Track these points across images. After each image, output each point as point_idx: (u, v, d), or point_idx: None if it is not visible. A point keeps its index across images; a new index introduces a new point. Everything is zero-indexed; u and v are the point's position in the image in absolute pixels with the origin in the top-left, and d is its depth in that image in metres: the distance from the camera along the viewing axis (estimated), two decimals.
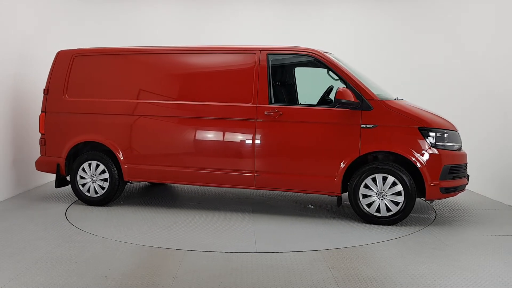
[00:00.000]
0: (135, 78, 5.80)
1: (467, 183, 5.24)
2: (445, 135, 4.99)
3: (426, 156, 4.89)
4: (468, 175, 5.32)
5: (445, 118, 5.28)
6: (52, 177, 7.53)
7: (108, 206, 5.91)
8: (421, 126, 4.92)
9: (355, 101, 4.98)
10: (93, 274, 3.65)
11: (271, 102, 5.29)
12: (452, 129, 5.11)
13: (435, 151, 4.90)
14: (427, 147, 4.89)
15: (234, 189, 6.80)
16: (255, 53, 5.42)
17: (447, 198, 5.39)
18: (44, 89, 6.06)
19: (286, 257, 4.08)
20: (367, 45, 8.69)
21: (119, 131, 5.77)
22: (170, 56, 5.79)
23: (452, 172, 4.97)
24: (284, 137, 5.27)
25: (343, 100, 4.95)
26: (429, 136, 4.92)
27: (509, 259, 4.05)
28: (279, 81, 5.77)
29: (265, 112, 5.27)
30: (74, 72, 5.93)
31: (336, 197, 5.36)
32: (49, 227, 4.96)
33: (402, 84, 8.07)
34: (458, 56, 7.58)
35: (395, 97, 5.57)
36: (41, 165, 6.13)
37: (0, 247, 4.31)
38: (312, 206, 5.90)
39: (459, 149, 5.15)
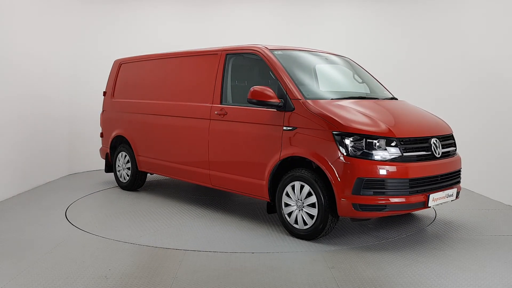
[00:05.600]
0: (139, 81, 6.75)
1: (421, 203, 4.25)
2: (374, 142, 4.17)
3: (338, 165, 4.18)
4: (428, 194, 4.28)
5: (387, 123, 4.34)
6: (50, 177, 7.65)
7: (110, 205, 5.93)
8: (336, 130, 4.24)
9: (277, 100, 4.59)
10: (93, 274, 3.65)
11: (224, 102, 5.32)
12: (389, 136, 4.22)
13: (348, 159, 4.14)
14: (339, 155, 4.18)
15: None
16: (217, 54, 5.52)
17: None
18: (104, 92, 7.33)
19: (286, 257, 4.08)
20: (367, 44, 8.70)
21: (133, 127, 6.69)
22: (159, 62, 6.53)
23: (371, 186, 4.09)
24: (227, 137, 5.21)
25: (256, 100, 4.64)
26: (343, 142, 4.19)
27: (509, 259, 4.05)
28: (237, 81, 5.57)
29: (215, 112, 5.34)
30: (119, 77, 7.11)
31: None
32: (49, 227, 4.97)
33: (404, 83, 8.09)
34: (459, 55, 7.58)
35: (394, 97, 5.56)
36: (101, 153, 7.47)
37: (0, 247, 4.32)
38: None
39: (399, 159, 4.19)
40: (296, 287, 3.44)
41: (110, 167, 7.31)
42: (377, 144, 4.18)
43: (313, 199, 4.39)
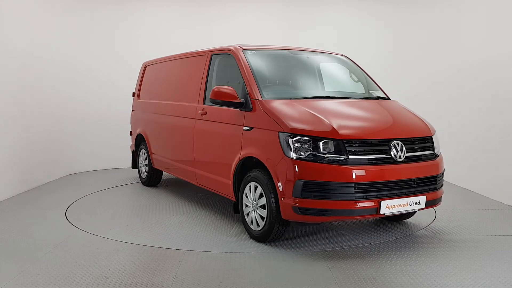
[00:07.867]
0: (153, 83, 7.09)
1: (372, 209, 3.95)
2: (318, 143, 3.96)
3: (280, 166, 4.07)
4: (380, 200, 3.95)
5: (338, 125, 4.05)
6: (50, 177, 7.65)
7: (110, 205, 5.94)
8: (281, 130, 4.11)
9: (237, 100, 4.58)
10: (93, 274, 3.65)
11: (207, 102, 5.37)
12: (333, 138, 3.97)
13: (289, 161, 3.99)
14: (282, 156, 4.05)
15: None
16: (205, 55, 5.63)
17: (444, 199, 5.22)
18: (133, 93, 7.72)
19: (286, 257, 4.08)
20: (367, 44, 8.71)
21: (148, 125, 7.04)
22: (163, 64, 6.85)
23: (311, 189, 3.91)
24: (206, 136, 5.29)
25: (219, 100, 4.65)
26: (287, 143, 4.05)
27: (509, 259, 4.05)
28: (220, 81, 5.47)
29: (199, 112, 5.44)
30: (144, 79, 7.44)
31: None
32: (49, 227, 4.97)
33: (403, 82, 8.10)
34: (459, 55, 7.57)
35: (386, 97, 5.53)
36: (130, 150, 7.89)
37: (0, 247, 4.32)
38: None
39: (344, 162, 3.93)
40: (296, 287, 3.44)
41: (135, 163, 7.69)
42: (321, 145, 3.97)
43: (263, 200, 4.32)
